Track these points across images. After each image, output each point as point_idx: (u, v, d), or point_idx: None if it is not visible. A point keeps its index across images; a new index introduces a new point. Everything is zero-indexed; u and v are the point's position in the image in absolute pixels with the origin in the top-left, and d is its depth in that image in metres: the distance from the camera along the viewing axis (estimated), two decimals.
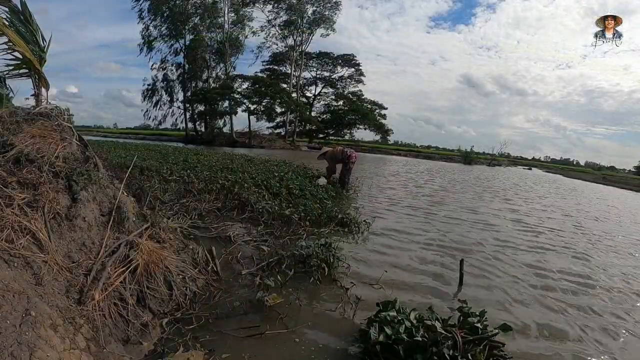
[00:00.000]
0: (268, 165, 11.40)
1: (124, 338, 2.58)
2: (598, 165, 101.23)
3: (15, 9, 4.96)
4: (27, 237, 2.55)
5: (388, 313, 2.87)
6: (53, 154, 3.42)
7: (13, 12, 4.98)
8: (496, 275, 4.79)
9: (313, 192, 7.68)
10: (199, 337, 2.80)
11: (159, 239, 3.71)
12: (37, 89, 4.80)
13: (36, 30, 5.12)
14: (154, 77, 48.99)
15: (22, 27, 4.99)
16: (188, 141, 42.12)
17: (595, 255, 6.36)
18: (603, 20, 12.51)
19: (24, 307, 1.97)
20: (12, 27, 4.83)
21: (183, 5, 44.51)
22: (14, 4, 4.92)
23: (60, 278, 2.50)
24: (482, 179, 22.96)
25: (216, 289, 3.62)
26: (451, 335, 2.57)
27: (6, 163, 3.06)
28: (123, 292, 2.83)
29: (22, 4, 5.07)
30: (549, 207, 12.36)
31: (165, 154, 12.49)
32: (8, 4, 4.93)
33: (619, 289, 4.81)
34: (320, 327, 3.13)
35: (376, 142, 59.14)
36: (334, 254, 4.27)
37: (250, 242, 4.86)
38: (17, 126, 3.58)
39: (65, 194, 3.16)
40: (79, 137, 4.03)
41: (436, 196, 12.01)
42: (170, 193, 6.55)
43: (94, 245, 3.05)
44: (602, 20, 12.53)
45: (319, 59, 57.61)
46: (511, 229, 7.97)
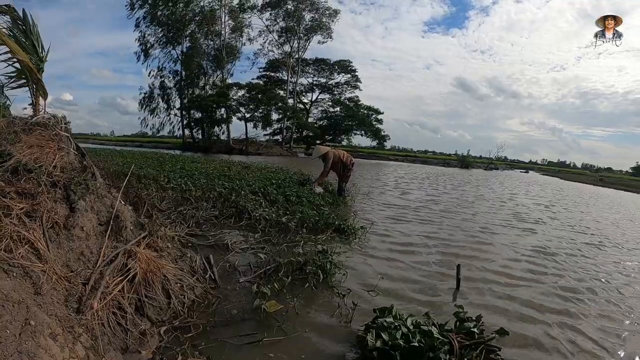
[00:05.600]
0: (265, 173, 11.46)
1: (122, 347, 2.59)
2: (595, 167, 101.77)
3: (16, 17, 5.00)
4: (26, 247, 2.57)
5: (385, 319, 2.90)
6: (51, 163, 3.45)
7: (15, 21, 5.02)
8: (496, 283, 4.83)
9: (310, 199, 7.71)
10: (197, 345, 2.81)
11: (157, 247, 3.73)
12: (34, 98, 4.83)
13: (36, 39, 5.15)
14: (150, 85, 49.29)
15: (22, 37, 5.03)
16: (185, 148, 42.22)
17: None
18: (603, 20, 12.59)
19: (24, 316, 1.99)
20: (12, 37, 4.87)
21: (180, 12, 44.73)
22: (17, 14, 4.97)
23: (59, 287, 2.52)
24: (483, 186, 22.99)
25: (214, 297, 3.64)
26: (448, 340, 2.60)
27: (4, 173, 3.08)
28: (121, 301, 2.85)
29: (24, 14, 5.12)
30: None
31: (162, 162, 12.56)
32: (12, 13, 4.98)
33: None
34: (318, 333, 3.15)
35: (373, 147, 59.31)
36: (331, 261, 4.30)
37: (247, 249, 4.89)
38: (15, 136, 3.60)
39: (63, 203, 3.18)
40: (77, 146, 4.06)
41: (433, 201, 12.06)
42: (168, 201, 6.57)
43: (92, 254, 3.06)
44: (602, 20, 12.60)
45: (315, 65, 57.95)
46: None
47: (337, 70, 58.22)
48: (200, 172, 10.13)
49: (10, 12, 5.00)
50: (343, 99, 58.17)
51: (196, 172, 9.88)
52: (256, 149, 43.87)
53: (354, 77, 58.63)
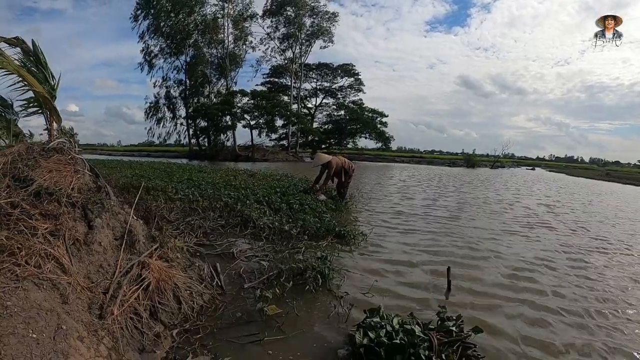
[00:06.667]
0: (269, 181, 11.70)
1: (139, 347, 2.94)
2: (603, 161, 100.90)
3: (27, 50, 5.36)
4: (52, 262, 2.91)
5: (372, 319, 3.21)
6: (69, 185, 3.80)
7: (26, 53, 5.38)
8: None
9: (312, 206, 7.99)
10: (206, 345, 3.16)
11: (167, 258, 4.07)
12: (49, 124, 5.19)
13: (46, 68, 5.51)
14: (155, 95, 49.84)
15: (34, 67, 5.39)
16: (192, 157, 42.61)
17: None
18: (603, 20, 12.61)
19: (56, 322, 2.34)
20: (25, 68, 5.23)
21: (183, 22, 45.29)
22: (27, 45, 5.33)
23: (82, 297, 2.86)
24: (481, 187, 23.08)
25: (221, 302, 3.97)
26: (428, 338, 2.90)
27: (29, 197, 3.44)
28: (137, 307, 3.19)
29: (34, 45, 5.48)
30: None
31: (170, 172, 12.79)
32: (22, 45, 5.34)
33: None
34: (315, 333, 3.48)
35: (379, 149, 59.40)
36: (329, 266, 4.61)
37: (252, 257, 5.19)
38: (34, 162, 3.96)
39: (82, 221, 3.54)
40: (91, 168, 4.41)
41: (433, 205, 12.33)
42: (176, 212, 6.86)
43: (110, 266, 3.41)
44: (602, 20, 12.61)
45: (318, 70, 58.34)
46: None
47: (340, 74, 58.55)
48: (207, 182, 10.38)
49: (20, 44, 5.35)
50: (347, 102, 58.45)
51: (203, 182, 10.13)
52: (262, 155, 44.08)
53: (357, 80, 58.96)
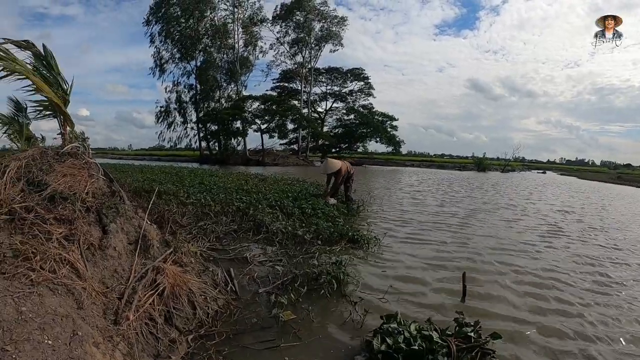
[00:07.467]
0: (281, 185, 11.69)
1: (154, 353, 2.90)
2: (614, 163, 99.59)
3: (38, 54, 5.36)
4: (67, 267, 2.90)
5: (390, 325, 3.15)
6: (83, 190, 3.80)
7: (37, 57, 5.37)
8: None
9: (325, 211, 7.94)
10: (221, 351, 3.10)
11: (182, 263, 4.05)
12: (62, 128, 5.19)
13: (58, 73, 5.50)
14: (166, 99, 50.33)
15: (46, 71, 5.38)
16: (203, 161, 42.96)
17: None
18: (603, 20, 12.57)
19: (71, 328, 2.31)
20: (37, 73, 5.23)
21: (193, 26, 45.68)
22: (38, 49, 5.33)
23: (97, 302, 2.84)
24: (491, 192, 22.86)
25: (235, 307, 3.93)
26: (446, 344, 2.83)
27: (43, 201, 3.43)
28: (152, 313, 3.16)
29: (45, 48, 5.48)
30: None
31: (181, 177, 12.88)
32: (32, 49, 5.34)
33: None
34: (331, 339, 3.42)
35: (389, 153, 59.13)
36: (344, 271, 4.54)
37: (266, 262, 5.15)
38: (49, 166, 3.96)
39: (97, 226, 3.53)
40: (105, 173, 4.42)
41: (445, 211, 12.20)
42: (189, 216, 6.86)
43: (124, 271, 3.39)
44: (602, 20, 12.59)
45: (328, 74, 58.31)
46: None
47: (350, 78, 58.47)
48: (219, 186, 10.40)
49: (30, 48, 5.36)
50: (357, 106, 58.26)
51: (214, 187, 10.15)
52: (273, 159, 44.19)
53: (367, 85, 58.80)
